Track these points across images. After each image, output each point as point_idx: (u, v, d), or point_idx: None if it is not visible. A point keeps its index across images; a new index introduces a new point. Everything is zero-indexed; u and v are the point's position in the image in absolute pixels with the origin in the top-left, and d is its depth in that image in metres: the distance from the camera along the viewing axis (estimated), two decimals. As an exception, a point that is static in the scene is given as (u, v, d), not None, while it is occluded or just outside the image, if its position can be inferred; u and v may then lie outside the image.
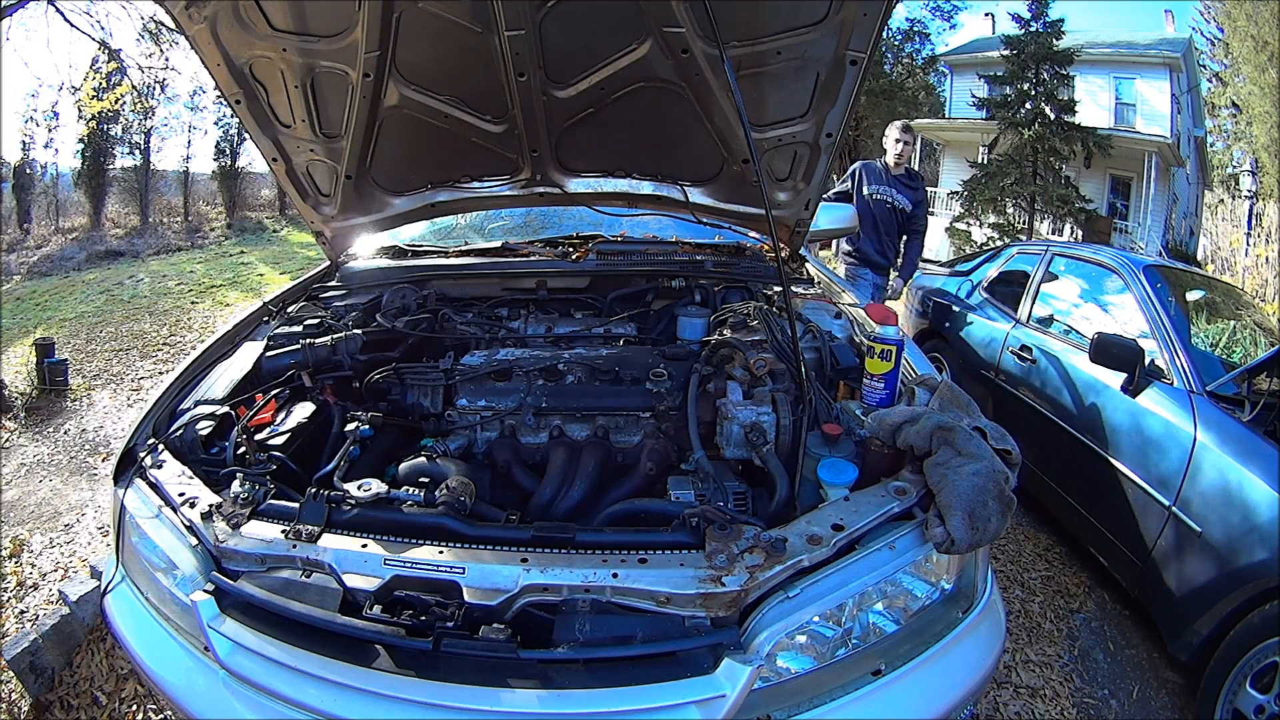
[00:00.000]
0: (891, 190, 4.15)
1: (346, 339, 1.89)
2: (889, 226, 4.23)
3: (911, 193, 4.22)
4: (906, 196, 4.19)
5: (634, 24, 1.71)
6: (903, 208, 4.18)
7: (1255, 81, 9.08)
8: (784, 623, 1.10)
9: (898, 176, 4.19)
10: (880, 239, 4.22)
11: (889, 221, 4.22)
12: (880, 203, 4.17)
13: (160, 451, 1.48)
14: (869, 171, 4.22)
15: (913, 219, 4.29)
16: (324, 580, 1.18)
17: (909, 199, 4.20)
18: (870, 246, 4.24)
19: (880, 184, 4.18)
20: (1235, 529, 1.97)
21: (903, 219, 4.24)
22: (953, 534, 1.16)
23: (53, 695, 2.09)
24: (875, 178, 4.20)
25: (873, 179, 4.20)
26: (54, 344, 5.01)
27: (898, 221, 4.24)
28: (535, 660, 1.06)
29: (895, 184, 4.16)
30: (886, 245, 4.26)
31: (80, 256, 12.92)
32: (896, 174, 4.19)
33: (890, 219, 4.22)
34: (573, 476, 1.58)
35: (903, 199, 4.17)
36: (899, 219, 4.23)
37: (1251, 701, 1.84)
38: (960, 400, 1.46)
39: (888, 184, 4.17)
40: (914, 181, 4.30)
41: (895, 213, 4.20)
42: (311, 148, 2.11)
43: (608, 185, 2.31)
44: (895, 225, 4.24)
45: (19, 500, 3.39)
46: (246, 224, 17.77)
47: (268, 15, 1.72)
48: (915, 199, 4.24)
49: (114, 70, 11.24)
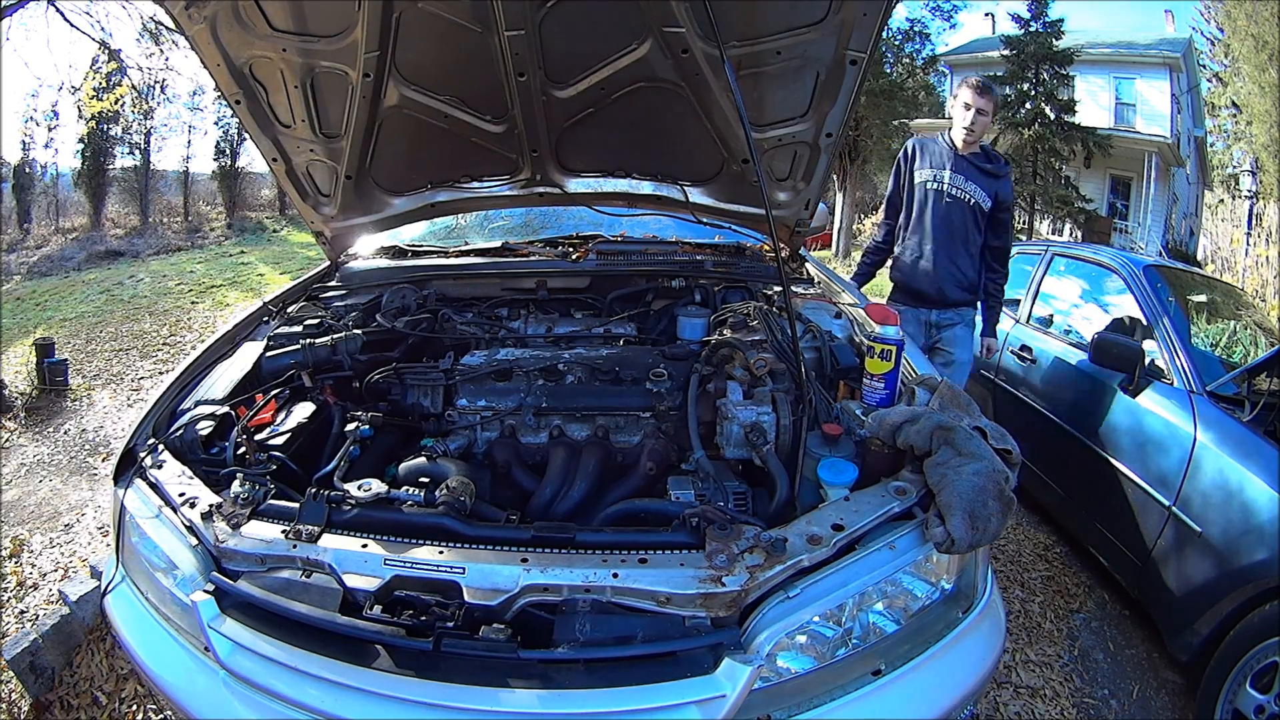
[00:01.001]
0: (961, 178, 2.78)
1: (346, 339, 1.89)
2: (957, 234, 2.81)
3: (991, 183, 2.80)
4: (983, 187, 2.78)
5: (634, 24, 1.71)
6: (978, 204, 2.78)
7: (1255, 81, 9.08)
8: (784, 623, 1.10)
9: (970, 158, 2.80)
10: (941, 254, 2.82)
11: (957, 226, 2.80)
12: (941, 195, 2.80)
13: (160, 451, 1.48)
14: (925, 150, 2.88)
15: (993, 225, 2.84)
16: (324, 580, 1.18)
17: (987, 191, 2.78)
18: (926, 268, 2.83)
19: (941, 167, 2.81)
20: (1235, 529, 1.97)
21: (978, 223, 2.81)
22: (953, 534, 1.16)
23: (53, 695, 2.09)
24: (934, 158, 2.84)
25: (930, 159, 2.85)
26: (54, 344, 5.01)
27: (971, 226, 2.81)
28: (535, 660, 1.06)
29: (965, 168, 2.79)
30: (956, 264, 2.83)
31: (80, 256, 12.93)
32: (969, 154, 2.80)
33: (959, 222, 2.80)
34: (573, 476, 1.58)
35: (978, 191, 2.78)
36: (974, 222, 2.81)
37: (1251, 701, 1.84)
38: (960, 400, 1.46)
39: (953, 167, 2.79)
40: (994, 164, 2.85)
41: (968, 211, 2.79)
42: (311, 148, 2.11)
43: (608, 185, 2.32)
44: (966, 233, 2.81)
45: (19, 500, 3.39)
46: (246, 224, 17.78)
47: (268, 15, 1.72)
48: (998, 192, 2.80)
49: (114, 70, 11.24)
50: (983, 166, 2.81)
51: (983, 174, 2.80)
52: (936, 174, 2.83)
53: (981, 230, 2.84)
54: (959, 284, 2.88)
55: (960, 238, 2.82)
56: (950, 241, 2.83)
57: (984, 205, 2.79)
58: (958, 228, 2.81)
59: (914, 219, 2.91)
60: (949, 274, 2.85)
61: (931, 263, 2.86)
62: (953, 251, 2.84)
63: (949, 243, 2.83)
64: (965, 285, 2.89)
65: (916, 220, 2.90)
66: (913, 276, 2.92)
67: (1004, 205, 2.83)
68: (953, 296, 2.88)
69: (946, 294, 2.87)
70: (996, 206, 2.81)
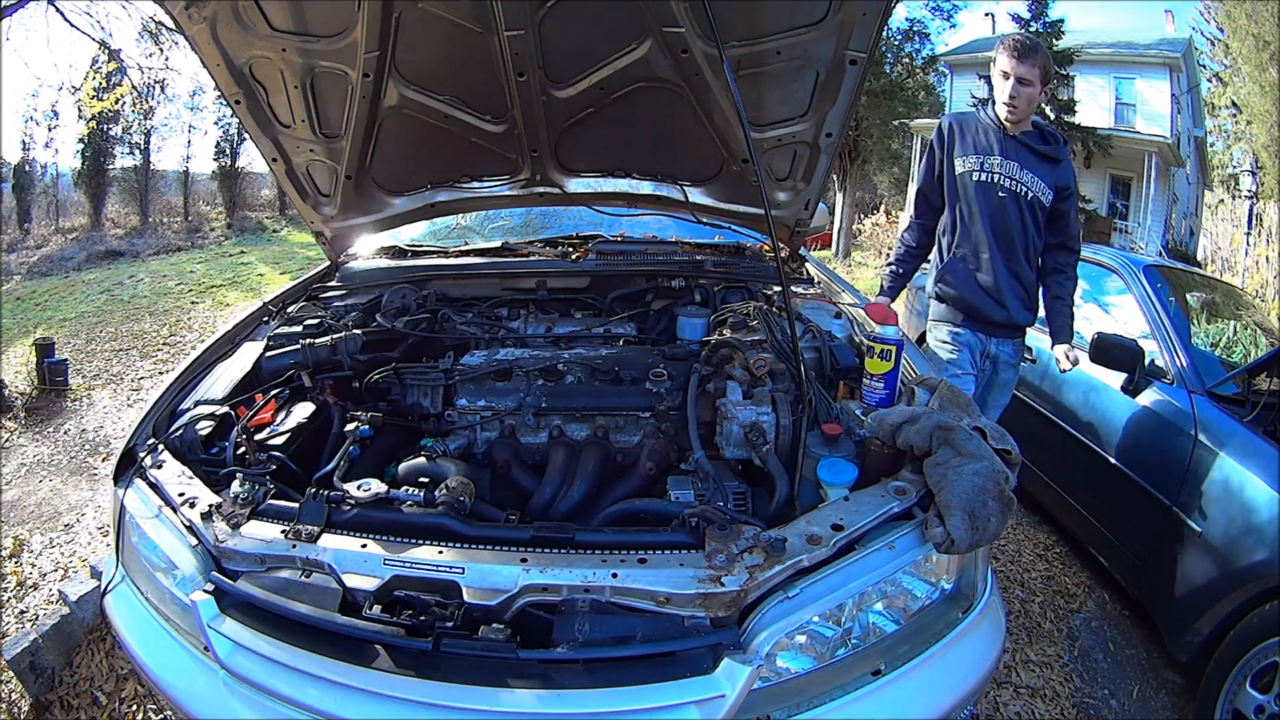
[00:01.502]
0: (1014, 165, 2.24)
1: (346, 339, 1.89)
2: (1015, 236, 2.27)
3: (1051, 171, 2.27)
4: (1042, 176, 2.25)
5: (634, 24, 1.71)
6: (1037, 198, 2.25)
7: (1255, 81, 9.08)
8: (784, 623, 1.10)
9: (1022, 139, 2.25)
10: (1001, 264, 2.27)
11: (1014, 227, 2.26)
12: (991, 188, 2.25)
13: (160, 451, 1.48)
14: (964, 130, 2.31)
15: (1056, 221, 2.34)
16: (324, 580, 1.18)
17: (1048, 181, 2.26)
18: (987, 282, 2.28)
19: (987, 152, 2.26)
20: (1235, 529, 1.97)
21: (1038, 222, 2.29)
22: (953, 534, 1.16)
23: (53, 695, 2.09)
24: (978, 140, 2.28)
25: (972, 142, 2.29)
26: (54, 344, 5.01)
27: (1031, 227, 2.28)
28: (535, 660, 1.06)
29: (1018, 152, 2.25)
30: (1019, 278, 2.30)
31: (80, 256, 12.93)
32: (1020, 134, 2.26)
33: (1016, 221, 2.26)
34: (572, 476, 1.58)
35: (1036, 182, 2.25)
36: (1034, 222, 2.28)
37: (1251, 701, 1.84)
38: (960, 400, 1.46)
39: (1002, 152, 2.25)
40: (1053, 146, 2.30)
41: (1025, 208, 2.26)
42: (311, 148, 2.11)
43: (607, 185, 2.32)
44: (1026, 236, 2.28)
45: (19, 500, 3.39)
46: (246, 224, 17.79)
47: (267, 15, 1.72)
48: (1059, 180, 2.28)
49: (114, 70, 11.24)
50: (1039, 149, 2.24)
51: (1040, 159, 2.24)
52: (983, 161, 2.25)
53: (1042, 231, 2.32)
54: (1024, 302, 2.33)
55: (1020, 242, 2.27)
56: (1009, 247, 2.27)
57: (1044, 199, 2.24)
58: (1015, 229, 2.26)
59: (960, 219, 2.33)
60: (1013, 290, 2.29)
61: (992, 276, 2.28)
62: (1013, 261, 2.28)
63: (1008, 249, 2.27)
64: (1030, 303, 2.36)
65: (964, 221, 2.32)
66: (971, 291, 2.32)
67: (1066, 193, 2.29)
68: (1019, 319, 2.34)
69: (1013, 316, 2.32)
70: (1058, 198, 2.28)
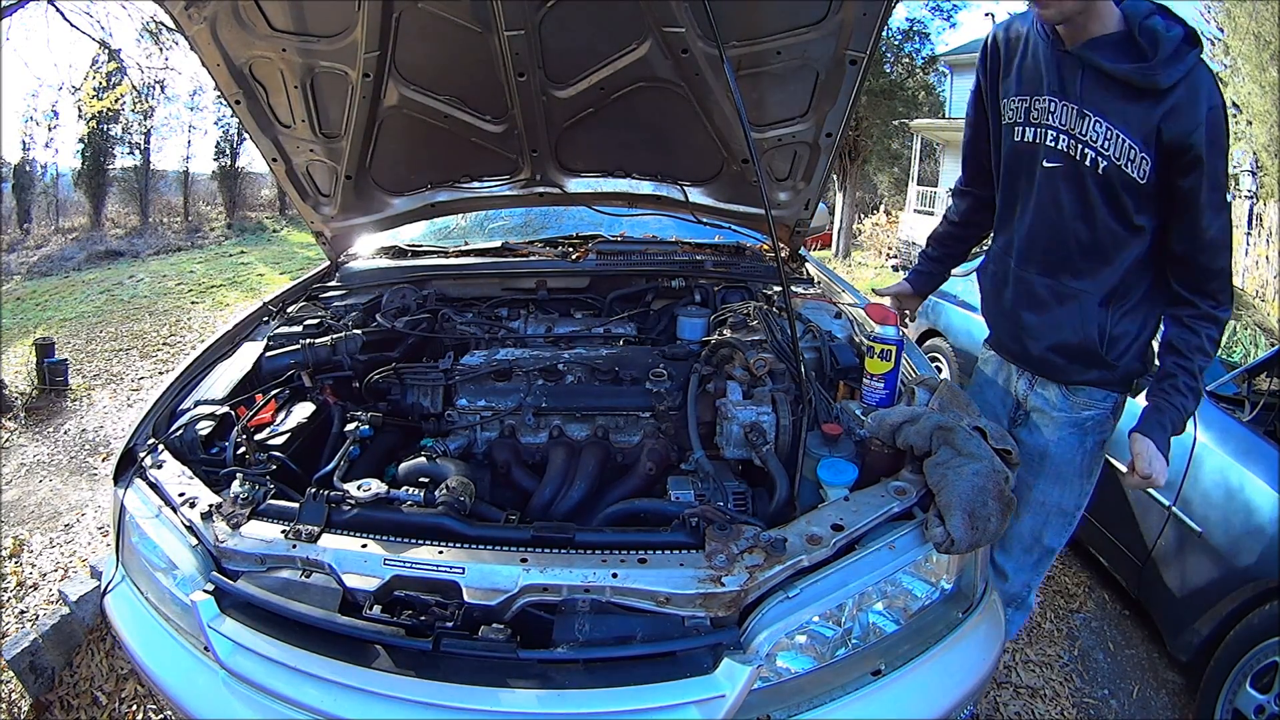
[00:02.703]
0: (1070, 109, 1.34)
1: (346, 339, 1.89)
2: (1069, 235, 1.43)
3: (1145, 108, 1.26)
4: (1126, 123, 1.29)
5: (634, 24, 1.71)
6: (1112, 166, 1.32)
7: (1255, 81, 9.07)
8: (784, 623, 1.10)
9: (1088, 55, 1.29)
10: (1036, 276, 1.51)
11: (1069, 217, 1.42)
12: (1033, 154, 1.44)
13: (160, 451, 1.48)
14: (1012, 48, 1.46)
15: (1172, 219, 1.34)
16: (324, 580, 1.18)
17: (1135, 132, 1.28)
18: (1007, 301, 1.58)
19: (1034, 89, 1.40)
20: (1236, 529, 1.97)
21: (1122, 209, 1.36)
22: (953, 534, 1.16)
23: (53, 695, 2.09)
24: (1024, 69, 1.42)
25: (1021, 69, 1.43)
26: (54, 344, 5.01)
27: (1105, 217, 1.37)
28: (535, 660, 1.06)
29: (1081, 82, 1.32)
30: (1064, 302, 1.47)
31: (80, 256, 12.93)
32: (1086, 44, 1.30)
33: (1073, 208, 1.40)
34: (572, 476, 1.58)
35: (1114, 135, 1.30)
36: (1111, 209, 1.37)
37: (1251, 701, 1.85)
38: (960, 400, 1.46)
39: (1052, 85, 1.37)
40: (1147, 62, 1.23)
41: (1091, 185, 1.36)
42: (311, 148, 2.11)
43: (607, 185, 2.32)
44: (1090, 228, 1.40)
45: (19, 500, 3.39)
46: (246, 224, 17.80)
47: (267, 15, 1.72)
48: (1169, 128, 1.25)
49: (114, 70, 11.25)
50: (1121, 74, 1.26)
51: (1125, 91, 1.28)
52: (1031, 103, 1.40)
53: (1130, 221, 1.36)
54: (1073, 344, 1.48)
55: (1078, 243, 1.42)
56: (1051, 251, 1.46)
57: (1130, 171, 1.30)
58: (1068, 224, 1.41)
59: (1001, 200, 1.58)
60: (1050, 323, 1.49)
61: (1012, 291, 1.56)
62: (1059, 272, 1.46)
63: (1049, 254, 1.47)
64: (1085, 348, 1.46)
65: (1004, 203, 1.57)
66: (994, 310, 1.69)
67: (1184, 157, 1.27)
68: (1058, 368, 1.53)
69: (1050, 360, 1.53)
70: (1163, 164, 1.29)
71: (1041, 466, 1.61)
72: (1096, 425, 1.55)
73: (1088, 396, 1.53)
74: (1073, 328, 1.47)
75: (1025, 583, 1.82)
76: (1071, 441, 1.56)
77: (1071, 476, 1.59)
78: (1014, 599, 1.83)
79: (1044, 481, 1.62)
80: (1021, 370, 1.65)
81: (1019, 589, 1.82)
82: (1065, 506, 1.61)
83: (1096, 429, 1.55)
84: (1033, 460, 1.61)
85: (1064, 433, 1.56)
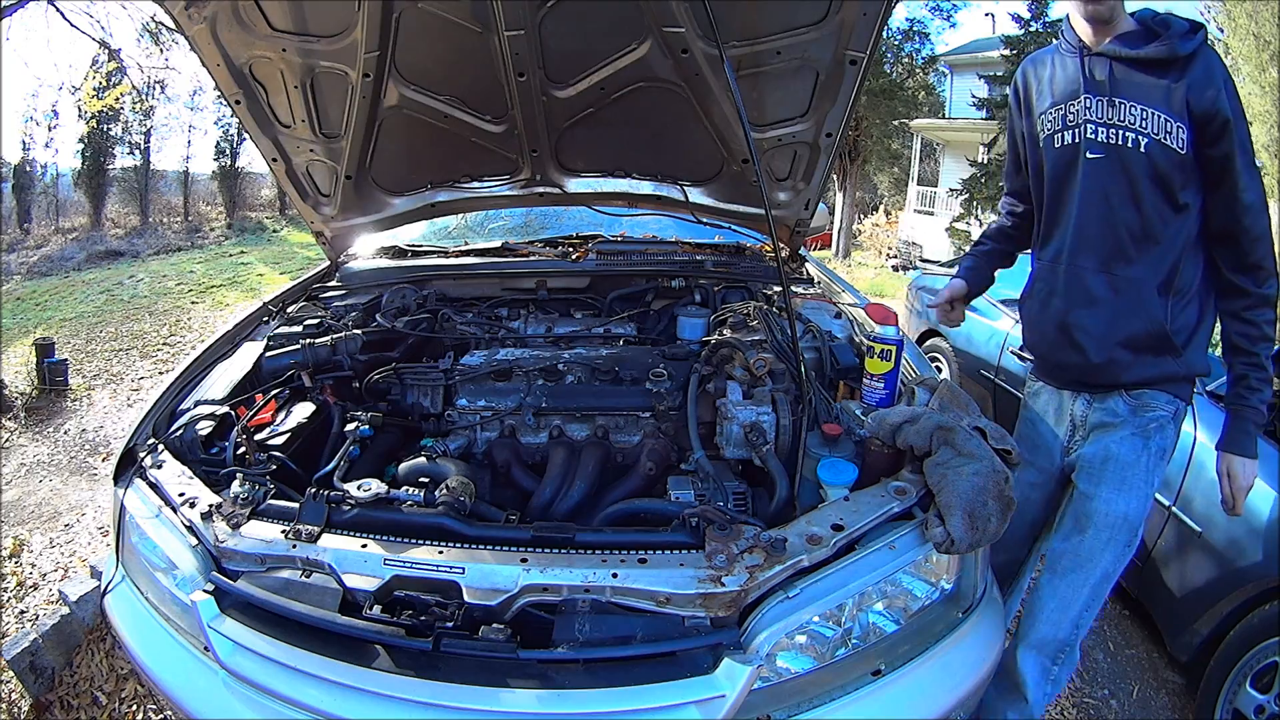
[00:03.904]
0: (1101, 103, 1.42)
1: (346, 339, 1.89)
2: (1121, 222, 1.43)
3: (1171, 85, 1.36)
4: (1160, 102, 1.36)
5: (634, 24, 1.71)
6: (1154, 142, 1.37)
7: (1255, 81, 9.08)
8: (784, 623, 1.10)
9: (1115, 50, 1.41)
10: (1093, 273, 1.47)
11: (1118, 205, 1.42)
12: (1075, 151, 1.47)
13: (160, 451, 1.48)
14: (1039, 71, 1.56)
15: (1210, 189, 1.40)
16: (324, 580, 1.18)
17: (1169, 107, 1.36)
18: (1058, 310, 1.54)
19: (1070, 93, 1.47)
20: (1235, 529, 1.97)
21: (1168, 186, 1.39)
22: (952, 534, 1.16)
23: (53, 695, 2.09)
24: (1055, 82, 1.52)
25: (1051, 84, 1.53)
26: (54, 344, 5.02)
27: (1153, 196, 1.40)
28: (535, 660, 1.06)
29: (1112, 77, 1.42)
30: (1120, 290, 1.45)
31: (80, 256, 12.93)
32: (1113, 43, 1.42)
33: (1121, 194, 1.42)
34: (573, 476, 1.58)
35: (1151, 113, 1.37)
36: (1157, 187, 1.39)
37: (1251, 701, 1.85)
38: (960, 400, 1.45)
39: (1088, 86, 1.44)
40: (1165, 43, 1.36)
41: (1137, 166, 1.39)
42: (311, 148, 2.11)
43: (607, 185, 2.32)
44: (1141, 216, 1.41)
45: (19, 500, 3.39)
46: (246, 224, 17.80)
47: (267, 15, 1.72)
48: (1196, 100, 1.34)
49: (114, 70, 11.24)
50: (1147, 57, 1.36)
51: (1152, 72, 1.36)
52: (1066, 109, 1.46)
53: (1175, 200, 1.38)
54: (1139, 334, 1.44)
55: (1128, 230, 1.41)
56: (1104, 238, 1.44)
57: (1171, 143, 1.34)
58: (1119, 205, 1.41)
59: (1045, 214, 1.57)
60: (1110, 317, 1.46)
61: (1066, 295, 1.50)
62: (1113, 261, 1.43)
63: (1104, 245, 1.44)
64: (1152, 335, 1.44)
65: (1049, 214, 1.55)
66: (1041, 330, 1.60)
67: (1213, 125, 1.34)
68: (1123, 366, 1.47)
69: (1114, 359, 1.47)
70: (1198, 135, 1.35)
71: (1104, 472, 1.54)
72: (1159, 429, 1.51)
73: (1151, 399, 1.50)
74: (1137, 317, 1.45)
75: (1075, 621, 1.56)
76: (1136, 443, 1.52)
77: (1136, 481, 1.52)
78: (1061, 647, 1.59)
79: (1107, 488, 1.53)
80: (1077, 392, 1.60)
81: (1067, 632, 1.57)
82: (1130, 516, 1.52)
83: (1159, 433, 1.51)
84: (1094, 468, 1.56)
85: (1128, 432, 1.52)
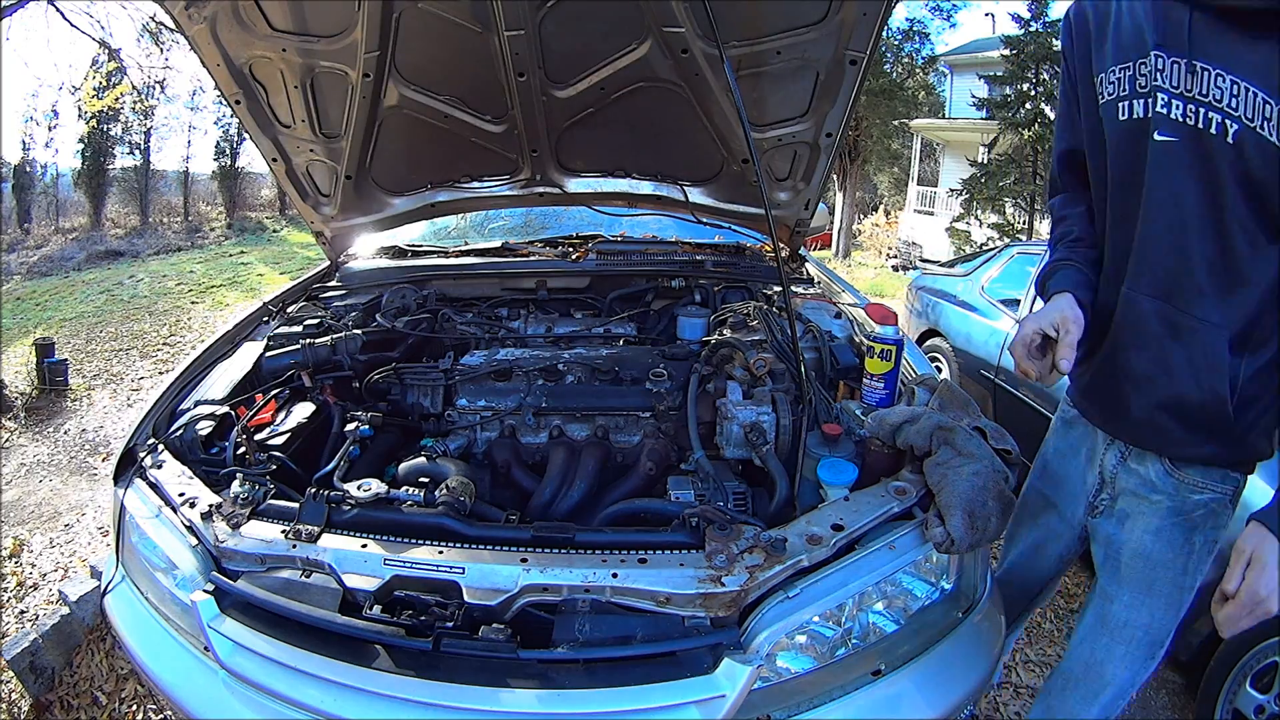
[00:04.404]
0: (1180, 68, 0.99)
1: (346, 339, 1.89)
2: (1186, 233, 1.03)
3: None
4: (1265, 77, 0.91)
5: (634, 24, 1.71)
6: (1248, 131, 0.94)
7: (1255, 81, 9.12)
8: (784, 623, 1.10)
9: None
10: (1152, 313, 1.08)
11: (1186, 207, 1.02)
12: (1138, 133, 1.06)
13: (160, 451, 1.48)
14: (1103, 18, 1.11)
15: None
16: (324, 580, 1.18)
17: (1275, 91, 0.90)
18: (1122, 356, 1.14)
19: (1138, 50, 1.04)
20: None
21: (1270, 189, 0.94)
22: (952, 534, 1.16)
23: (53, 695, 2.09)
24: (1121, 32, 1.08)
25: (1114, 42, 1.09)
26: (54, 344, 5.02)
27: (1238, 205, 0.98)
28: (535, 660, 1.06)
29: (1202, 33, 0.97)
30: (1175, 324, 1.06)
31: (80, 256, 12.94)
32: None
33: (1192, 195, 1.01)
34: (573, 476, 1.58)
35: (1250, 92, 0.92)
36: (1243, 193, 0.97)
37: (1251, 701, 1.85)
38: (960, 400, 1.46)
39: (1162, 39, 1.00)
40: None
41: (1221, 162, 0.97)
42: (311, 148, 2.11)
43: (607, 185, 2.32)
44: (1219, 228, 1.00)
45: (19, 500, 3.39)
46: (246, 224, 17.81)
47: (267, 15, 1.72)
48: None
49: (114, 70, 11.25)
50: (1239, 4, 0.95)
51: (1249, 27, 0.95)
52: (1133, 69, 1.08)
53: (1274, 219, 0.99)
54: (1191, 402, 1.10)
55: (1204, 254, 1.04)
56: (1173, 264, 1.07)
57: (1270, 133, 0.94)
58: (1193, 220, 1.04)
59: (1110, 213, 1.19)
60: (1161, 367, 1.12)
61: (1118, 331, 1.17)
62: (1175, 295, 1.08)
63: (1168, 268, 1.08)
64: (1207, 409, 1.10)
65: (1113, 210, 1.18)
66: (1088, 346, 1.22)
67: None
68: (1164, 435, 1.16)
69: (1155, 422, 1.16)
70: None
71: (1131, 570, 1.20)
72: (1208, 517, 1.16)
73: (1201, 475, 1.14)
74: (1194, 377, 1.06)
75: None
76: (1176, 536, 1.16)
77: (1168, 587, 1.18)
78: None
79: (1131, 591, 1.21)
80: (1112, 440, 1.25)
81: None
82: (1155, 630, 1.20)
83: (1208, 522, 1.16)
84: (1117, 562, 1.22)
85: (1165, 523, 1.17)
